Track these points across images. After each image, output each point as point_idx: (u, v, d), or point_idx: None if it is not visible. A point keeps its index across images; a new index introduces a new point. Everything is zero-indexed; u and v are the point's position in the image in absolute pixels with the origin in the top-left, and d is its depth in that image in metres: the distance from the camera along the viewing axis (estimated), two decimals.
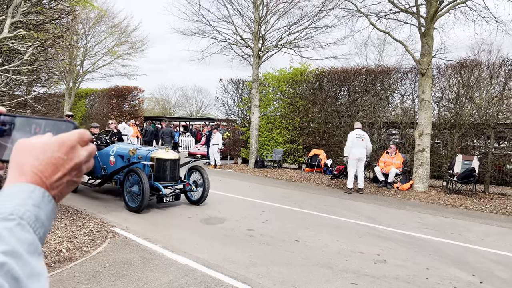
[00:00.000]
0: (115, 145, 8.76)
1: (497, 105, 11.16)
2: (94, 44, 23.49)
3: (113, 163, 8.34)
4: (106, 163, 8.54)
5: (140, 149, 8.34)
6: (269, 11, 15.04)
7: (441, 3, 10.05)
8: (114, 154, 8.41)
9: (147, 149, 8.30)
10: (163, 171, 7.74)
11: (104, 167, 8.53)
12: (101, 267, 4.54)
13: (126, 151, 8.16)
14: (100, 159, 8.63)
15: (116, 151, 8.45)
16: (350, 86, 14.28)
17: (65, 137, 0.66)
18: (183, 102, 54.19)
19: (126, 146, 8.62)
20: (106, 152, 8.61)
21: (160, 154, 7.80)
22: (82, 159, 0.66)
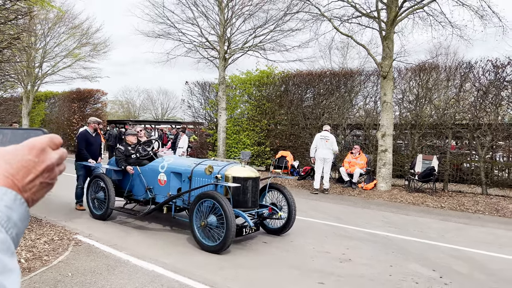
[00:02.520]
0: (165, 159, 6.88)
1: (454, 107, 11.66)
2: (53, 46, 22.67)
3: (165, 183, 6.54)
4: (153, 183, 6.73)
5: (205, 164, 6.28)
6: (235, 13, 15.05)
7: (400, 8, 10.41)
8: (165, 171, 6.56)
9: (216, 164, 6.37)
10: (243, 193, 5.87)
11: (151, 188, 6.72)
12: (62, 277, 4.38)
13: (184, 168, 6.37)
14: (144, 178, 6.83)
15: (169, 167, 6.59)
16: (315, 89, 14.51)
17: (35, 141, 0.67)
18: (148, 105, 53.23)
19: (185, 162, 6.72)
20: (153, 168, 6.81)
21: (238, 172, 5.96)
22: (53, 161, 0.68)
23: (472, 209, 9.08)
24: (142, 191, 6.91)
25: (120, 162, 7.09)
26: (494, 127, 10.56)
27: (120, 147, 7.36)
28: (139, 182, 6.97)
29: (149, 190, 6.74)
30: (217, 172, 5.88)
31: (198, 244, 5.58)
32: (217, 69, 15.64)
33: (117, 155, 7.21)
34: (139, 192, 7.02)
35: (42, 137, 0.68)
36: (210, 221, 5.46)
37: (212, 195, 5.46)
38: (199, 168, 6.18)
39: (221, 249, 5.30)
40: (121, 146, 7.35)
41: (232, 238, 5.24)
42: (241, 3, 14.80)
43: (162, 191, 6.60)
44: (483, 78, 10.98)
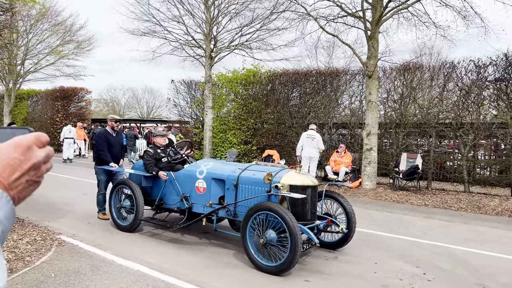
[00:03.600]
0: (202, 164, 6.03)
1: (438, 106, 11.84)
2: (36, 43, 22.25)
3: (204, 191, 5.73)
4: (190, 190, 5.88)
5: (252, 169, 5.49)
6: (221, 12, 15.00)
7: (385, 8, 10.52)
8: (205, 178, 5.74)
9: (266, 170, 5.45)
10: (302, 205, 5.04)
11: (187, 197, 5.88)
12: (45, 277, 4.30)
13: (228, 174, 5.54)
14: (178, 184, 6.00)
15: (209, 173, 5.74)
16: (301, 88, 14.56)
17: (21, 139, 0.67)
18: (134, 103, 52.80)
19: (228, 167, 5.82)
20: (189, 174, 5.96)
21: (295, 179, 5.14)
22: (40, 159, 0.67)
23: (455, 207, 9.23)
24: (176, 199, 6.05)
25: (150, 167, 6.24)
26: (476, 126, 10.77)
27: (149, 149, 6.51)
28: (173, 189, 6.11)
29: (185, 198, 5.87)
30: None
31: (254, 264, 4.77)
32: (203, 68, 15.57)
33: (145, 159, 6.35)
34: (172, 200, 6.15)
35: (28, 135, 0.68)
36: (270, 238, 4.70)
37: (272, 208, 4.63)
38: (247, 175, 5.40)
39: (285, 271, 4.57)
40: (149, 149, 6.53)
41: (299, 257, 4.49)
42: (227, 2, 14.76)
43: (201, 200, 5.76)
44: (466, 78, 11.18)
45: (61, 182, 11.11)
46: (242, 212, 5.19)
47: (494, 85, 10.77)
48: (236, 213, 5.33)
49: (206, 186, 5.72)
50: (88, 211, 7.70)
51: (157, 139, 6.74)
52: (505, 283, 4.60)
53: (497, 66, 10.49)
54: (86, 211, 7.69)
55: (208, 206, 5.66)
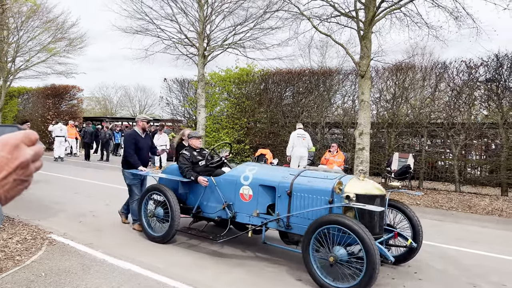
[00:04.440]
0: (247, 168, 5.43)
1: (429, 106, 11.93)
2: (27, 40, 22.00)
3: (250, 199, 5.17)
4: (233, 198, 5.33)
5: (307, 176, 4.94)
6: (214, 10, 14.96)
7: (378, 8, 10.54)
8: (251, 184, 5.17)
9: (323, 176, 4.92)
10: (370, 217, 4.45)
11: (230, 205, 5.32)
12: (36, 277, 4.26)
13: (279, 180, 4.97)
14: (220, 191, 5.43)
15: (256, 179, 5.18)
16: (295, 87, 14.59)
17: (8, 137, 0.65)
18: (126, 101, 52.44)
19: (277, 172, 5.28)
20: (233, 179, 5.39)
21: (360, 187, 4.56)
22: (28, 157, 0.66)
23: (446, 206, 9.31)
24: (217, 207, 5.48)
25: (188, 171, 5.69)
26: (467, 126, 10.86)
27: (185, 152, 5.93)
28: (213, 196, 5.55)
29: (228, 207, 5.32)
30: (331, 188, 4.53)
31: (319, 284, 4.25)
32: (197, 66, 15.52)
33: (181, 163, 5.81)
34: (211, 208, 5.57)
35: (16, 133, 0.66)
36: (340, 256, 4.16)
37: (343, 222, 4.06)
38: (302, 182, 4.83)
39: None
40: (185, 152, 5.94)
41: (376, 277, 3.98)
42: (220, 0, 14.72)
43: (246, 209, 5.19)
44: (457, 78, 11.28)
45: (52, 180, 11.00)
46: (297, 223, 4.70)
47: (485, 86, 10.88)
48: (289, 225, 4.75)
49: (253, 193, 5.15)
50: (79, 210, 7.64)
51: (193, 141, 6.21)
52: (496, 282, 4.64)
53: (488, 67, 10.59)
54: (77, 210, 7.63)
55: (255, 216, 5.07)
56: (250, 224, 5.17)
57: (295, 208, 4.75)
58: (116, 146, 21.96)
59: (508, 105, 10.55)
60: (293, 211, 4.75)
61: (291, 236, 4.92)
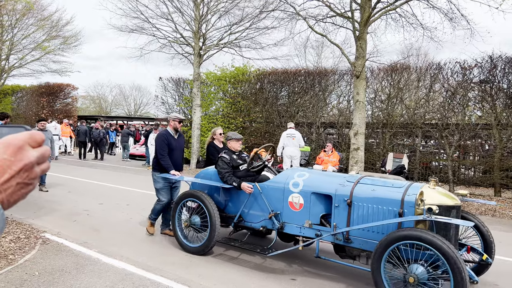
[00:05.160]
0: (295, 174, 4.91)
1: (424, 106, 11.99)
2: (21, 38, 21.89)
3: (300, 208, 4.69)
4: (281, 206, 4.85)
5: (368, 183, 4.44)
6: (210, 10, 14.95)
7: (374, 9, 10.59)
8: (301, 192, 4.69)
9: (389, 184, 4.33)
10: (446, 230, 4.05)
11: (277, 214, 4.83)
12: (29, 276, 4.24)
13: (335, 188, 4.49)
14: (265, 198, 4.95)
15: (307, 186, 4.69)
16: (290, 87, 14.61)
17: (11, 139, 0.63)
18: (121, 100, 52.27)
19: (331, 178, 4.79)
20: (279, 186, 4.90)
21: (437, 198, 4.11)
22: (32, 160, 0.63)
23: None
24: (261, 216, 5.02)
25: (229, 177, 5.20)
26: (461, 127, 10.93)
27: (224, 156, 5.43)
28: (257, 204, 5.07)
29: (275, 216, 4.83)
30: (401, 197, 4.05)
31: None
32: (192, 66, 15.50)
33: (221, 167, 5.31)
34: (255, 217, 5.10)
35: (20, 134, 0.64)
36: (421, 275, 3.69)
37: (424, 238, 3.58)
38: (364, 190, 4.34)
39: None
40: (225, 155, 5.44)
41: None
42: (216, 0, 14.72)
43: (296, 219, 4.71)
44: (452, 79, 11.34)
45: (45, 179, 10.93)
46: (359, 237, 4.25)
47: (479, 87, 10.95)
48: (349, 238, 4.29)
49: (304, 202, 4.65)
50: (73, 209, 7.61)
51: (232, 143, 5.69)
52: (490, 282, 4.68)
53: (482, 68, 10.66)
54: (71, 209, 7.60)
55: (306, 227, 4.60)
56: (300, 236, 4.66)
57: (356, 220, 4.28)
58: (111, 145, 21.88)
59: (501, 106, 10.63)
60: (354, 222, 4.28)
61: (349, 250, 4.42)
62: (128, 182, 11.54)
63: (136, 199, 8.88)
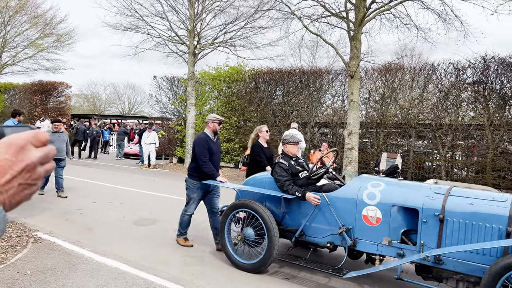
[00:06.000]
0: (368, 184, 4.36)
1: (418, 107, 12.05)
2: (14, 35, 21.73)
3: (377, 223, 4.13)
4: (352, 220, 4.29)
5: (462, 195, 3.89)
6: (205, 8, 14.92)
7: (368, 9, 10.63)
8: (378, 204, 4.14)
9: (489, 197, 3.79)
10: None
11: (349, 229, 4.28)
12: (21, 275, 4.21)
13: (421, 201, 3.94)
14: (334, 211, 4.37)
15: (386, 198, 4.14)
16: (285, 87, 14.62)
17: (13, 138, 0.61)
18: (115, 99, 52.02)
19: (412, 190, 4.20)
20: (350, 197, 4.33)
21: None
22: (34, 160, 0.61)
23: None
24: (327, 231, 4.46)
25: (291, 186, 4.60)
26: (455, 127, 11.00)
27: (282, 162, 4.84)
28: (323, 217, 4.49)
29: (346, 231, 4.28)
30: (509, 213, 3.53)
31: None
32: (187, 64, 15.46)
33: (279, 175, 4.70)
34: (319, 232, 4.53)
35: (22, 134, 0.62)
36: None
37: None
38: (459, 203, 3.79)
39: None
40: (282, 161, 4.86)
41: None
42: None
43: (372, 235, 4.17)
44: (445, 80, 11.41)
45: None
46: (453, 258, 3.71)
47: (472, 88, 11.03)
48: (440, 259, 3.76)
49: (382, 216, 4.10)
50: (66, 207, 7.57)
51: (289, 147, 5.02)
52: None
53: (475, 69, 10.74)
54: (64, 207, 7.56)
55: (385, 244, 4.07)
56: (377, 254, 4.15)
57: (449, 238, 3.75)
58: (105, 144, 21.78)
59: (494, 107, 10.71)
60: (446, 241, 3.76)
61: (438, 272, 3.86)
62: (121, 181, 11.49)
63: (130, 198, 8.84)
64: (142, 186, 10.54)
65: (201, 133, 5.62)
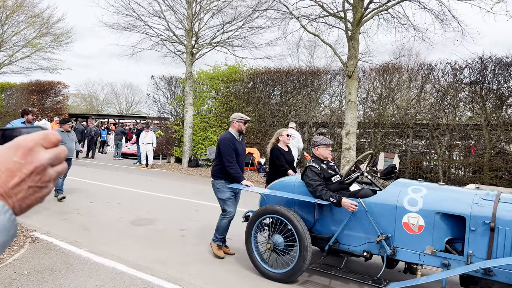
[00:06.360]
0: (408, 188, 4.11)
1: (415, 107, 12.07)
2: (11, 35, 21.64)
3: (420, 231, 3.89)
4: (391, 228, 4.06)
5: None
6: (203, 8, 14.91)
7: (366, 9, 10.64)
8: (421, 211, 3.89)
9: None
10: None
11: (388, 237, 4.03)
12: (18, 275, 4.20)
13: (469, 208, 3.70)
14: (372, 218, 4.12)
15: (429, 203, 3.90)
16: (283, 87, 14.62)
17: (22, 139, 0.59)
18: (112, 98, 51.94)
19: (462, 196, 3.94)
20: (389, 203, 4.09)
21: None
22: (43, 162, 0.59)
23: None
24: (363, 239, 4.22)
25: (324, 191, 4.34)
26: (452, 127, 11.03)
27: (314, 165, 4.58)
28: (359, 224, 4.25)
29: (385, 240, 4.02)
30: None
31: None
32: (184, 64, 15.45)
33: (311, 179, 4.44)
34: (354, 240, 4.28)
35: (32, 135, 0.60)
36: None
37: None
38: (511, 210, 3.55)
39: None
40: (314, 164, 4.59)
41: None
42: None
43: (413, 243, 3.93)
44: (443, 80, 11.44)
45: None
46: (506, 269, 3.46)
47: (469, 88, 11.05)
48: (491, 270, 3.51)
49: (425, 223, 3.86)
50: (63, 207, 7.55)
51: (321, 150, 4.76)
52: None
53: (472, 69, 10.76)
54: (61, 207, 7.54)
55: (428, 254, 3.84)
56: (419, 264, 3.92)
57: (502, 248, 3.52)
58: (103, 144, 21.74)
59: (491, 107, 10.74)
60: (498, 251, 3.52)
61: (487, 283, 3.63)
62: (119, 180, 11.47)
63: (127, 198, 8.83)
64: (139, 186, 10.53)
65: (226, 132, 5.31)
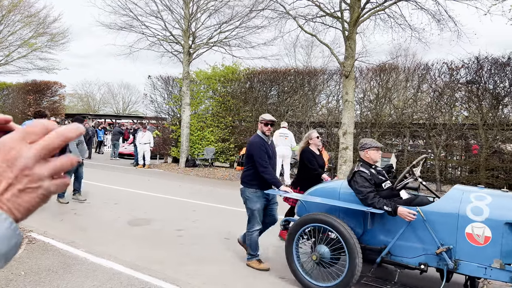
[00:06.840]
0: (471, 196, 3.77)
1: (412, 106, 12.12)
2: (7, 35, 21.56)
3: (486, 242, 3.54)
4: (453, 239, 3.71)
5: None
6: (200, 8, 14.90)
7: (363, 9, 10.66)
8: (487, 221, 3.55)
9: None
10: None
11: (449, 249, 3.70)
12: (15, 276, 4.18)
13: None
14: (430, 228, 3.79)
15: (496, 213, 3.56)
16: (280, 86, 14.64)
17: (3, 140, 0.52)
18: (109, 98, 51.80)
19: None
20: (450, 212, 3.75)
21: None
22: (27, 161, 0.51)
23: None
24: (420, 250, 3.88)
25: (376, 198, 3.98)
26: (449, 127, 11.07)
27: (363, 170, 4.19)
28: (415, 235, 3.90)
29: (446, 251, 3.67)
30: None
31: None
32: (181, 64, 15.43)
33: (360, 185, 4.08)
34: (409, 251, 3.93)
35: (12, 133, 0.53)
36: None
37: None
38: None
39: None
40: (364, 169, 4.21)
41: None
42: None
43: (479, 256, 3.58)
44: (439, 79, 11.48)
45: None
46: None
47: (466, 87, 11.10)
48: None
49: (492, 234, 3.51)
50: (60, 207, 7.53)
51: (371, 153, 4.38)
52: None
53: (468, 69, 10.81)
54: (58, 207, 7.52)
55: (496, 268, 3.49)
56: (485, 278, 3.60)
57: None
58: (100, 144, 21.69)
59: (487, 107, 10.79)
60: None
61: None
62: (116, 181, 11.45)
63: (125, 198, 8.82)
64: (136, 186, 10.52)
65: (255, 135, 4.92)
